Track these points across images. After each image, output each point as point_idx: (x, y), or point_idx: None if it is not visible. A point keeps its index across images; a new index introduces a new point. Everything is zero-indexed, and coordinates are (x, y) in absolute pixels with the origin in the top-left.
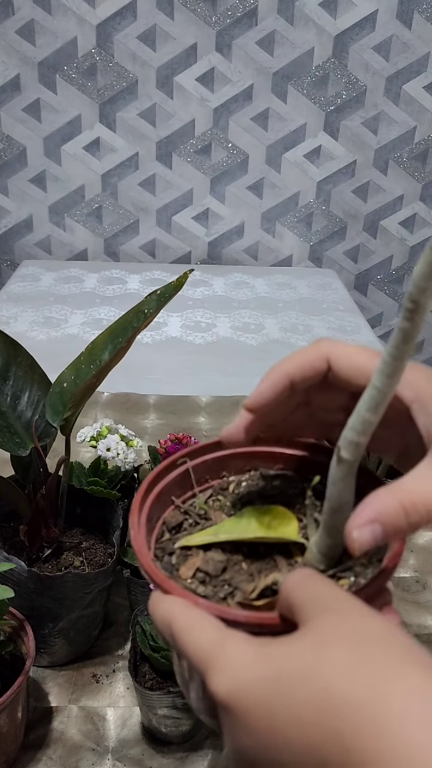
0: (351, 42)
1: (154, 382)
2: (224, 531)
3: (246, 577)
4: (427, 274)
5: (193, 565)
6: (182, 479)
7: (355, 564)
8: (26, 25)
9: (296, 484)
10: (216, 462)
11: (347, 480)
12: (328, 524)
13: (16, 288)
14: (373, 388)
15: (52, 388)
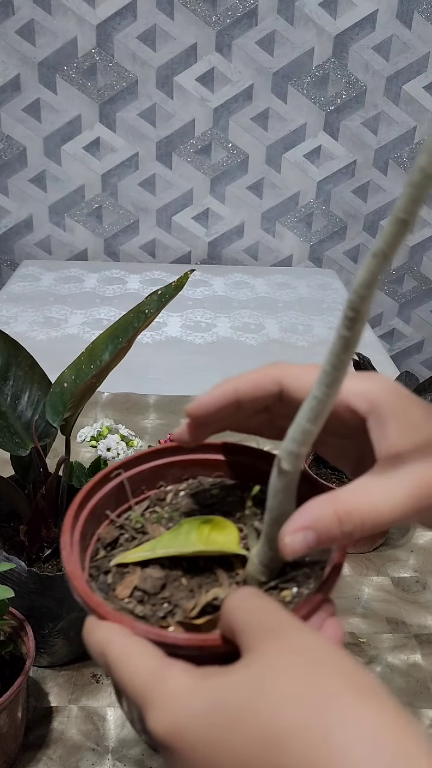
0: (351, 42)
1: (154, 382)
2: (162, 546)
3: (186, 594)
4: (368, 282)
5: (131, 584)
6: (118, 492)
7: (297, 574)
8: (26, 25)
9: (236, 491)
10: (153, 472)
11: (288, 491)
12: (269, 535)
13: (16, 288)
14: (313, 398)
15: (53, 388)
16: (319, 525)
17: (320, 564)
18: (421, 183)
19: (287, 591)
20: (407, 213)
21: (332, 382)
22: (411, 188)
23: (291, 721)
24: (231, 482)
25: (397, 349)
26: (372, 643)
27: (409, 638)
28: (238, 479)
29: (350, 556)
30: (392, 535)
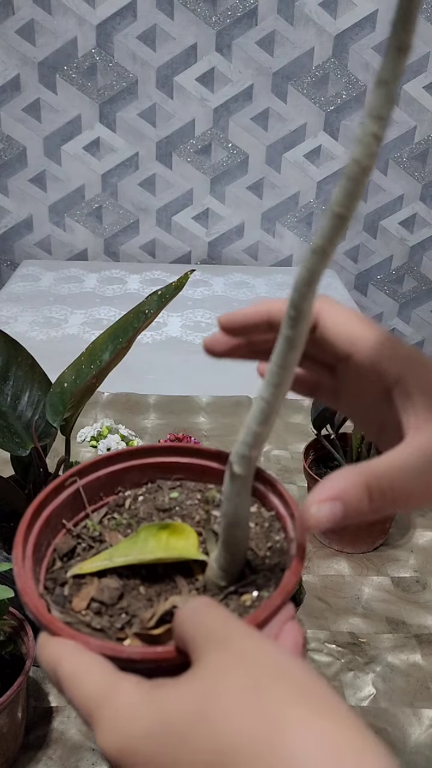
0: (351, 42)
1: (154, 382)
2: (120, 554)
3: (144, 603)
4: (308, 279)
5: (87, 595)
6: (74, 500)
7: (257, 578)
8: (26, 25)
9: (195, 494)
10: (110, 477)
11: (242, 494)
12: (226, 540)
13: (16, 288)
14: (261, 400)
15: (53, 388)
16: (349, 497)
17: (280, 566)
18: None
19: (247, 595)
20: (344, 207)
21: (280, 383)
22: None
23: (240, 734)
24: (191, 484)
25: None
26: (372, 643)
27: (409, 638)
28: (198, 481)
29: (350, 556)
30: (392, 535)
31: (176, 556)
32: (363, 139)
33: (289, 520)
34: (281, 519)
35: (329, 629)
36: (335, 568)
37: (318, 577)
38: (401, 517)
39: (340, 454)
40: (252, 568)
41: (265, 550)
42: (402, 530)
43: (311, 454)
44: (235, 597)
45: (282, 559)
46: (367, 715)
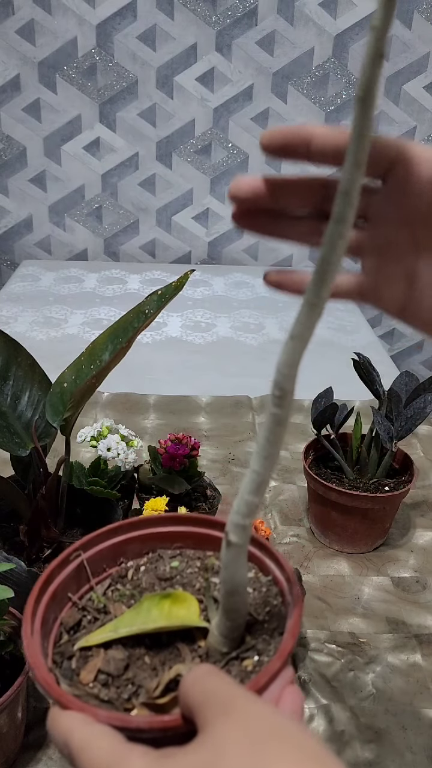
0: (351, 42)
1: (154, 382)
2: (124, 625)
3: (149, 673)
4: (290, 362)
5: (94, 667)
6: (78, 573)
7: (257, 642)
8: (26, 25)
9: (195, 562)
10: (112, 549)
11: (239, 562)
12: (226, 607)
13: (16, 288)
14: (253, 472)
15: (53, 388)
16: None
17: (278, 630)
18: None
19: (249, 660)
20: (318, 297)
21: (269, 455)
22: (318, 275)
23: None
24: (190, 552)
25: (397, 349)
26: (372, 643)
27: (409, 638)
28: (197, 549)
29: (350, 556)
30: (392, 535)
31: (179, 624)
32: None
33: (286, 584)
34: (278, 583)
35: (329, 629)
36: (335, 568)
37: (318, 577)
38: (401, 516)
39: (340, 454)
40: (252, 633)
41: (263, 615)
42: (402, 530)
43: (311, 454)
44: (237, 662)
45: (280, 623)
46: (367, 716)
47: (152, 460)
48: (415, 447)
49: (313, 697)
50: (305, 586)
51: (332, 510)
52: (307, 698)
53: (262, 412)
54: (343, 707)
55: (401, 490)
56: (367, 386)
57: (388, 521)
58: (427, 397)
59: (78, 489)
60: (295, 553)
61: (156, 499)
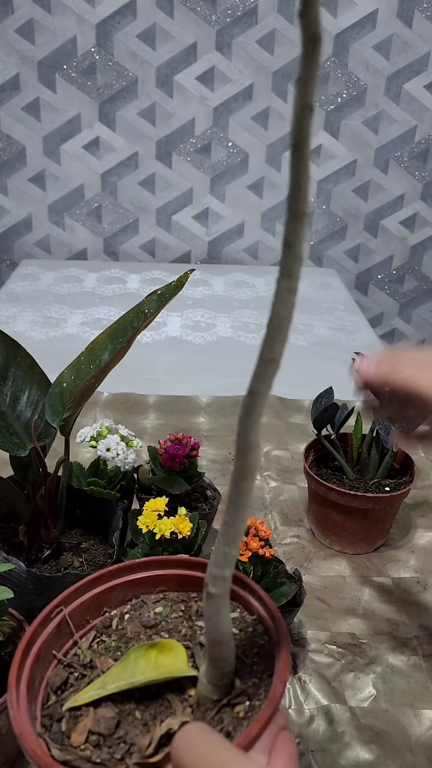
0: (351, 41)
1: (154, 382)
2: (112, 680)
3: (141, 729)
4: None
5: (85, 728)
6: (60, 629)
7: (247, 687)
8: (26, 24)
9: (179, 605)
10: (95, 599)
11: (221, 613)
12: (212, 656)
13: (15, 288)
14: (226, 524)
15: (52, 388)
16: None
17: (267, 671)
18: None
19: (240, 706)
20: (273, 352)
21: (239, 509)
22: (271, 329)
23: None
24: (174, 595)
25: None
26: (372, 644)
27: (410, 639)
28: (180, 591)
29: (351, 556)
30: (393, 536)
31: (167, 675)
32: (279, 293)
33: (271, 622)
34: (263, 622)
35: (330, 630)
36: (336, 569)
37: (318, 577)
38: (402, 517)
39: (341, 454)
40: (241, 677)
41: (252, 657)
42: (402, 531)
43: (311, 454)
44: (228, 709)
45: (269, 665)
46: (368, 716)
47: (152, 460)
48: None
49: (313, 698)
50: (305, 587)
51: (333, 510)
52: (307, 699)
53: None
54: (343, 708)
55: (402, 490)
56: None
57: (388, 522)
58: None
59: (77, 489)
60: (295, 554)
61: (156, 500)
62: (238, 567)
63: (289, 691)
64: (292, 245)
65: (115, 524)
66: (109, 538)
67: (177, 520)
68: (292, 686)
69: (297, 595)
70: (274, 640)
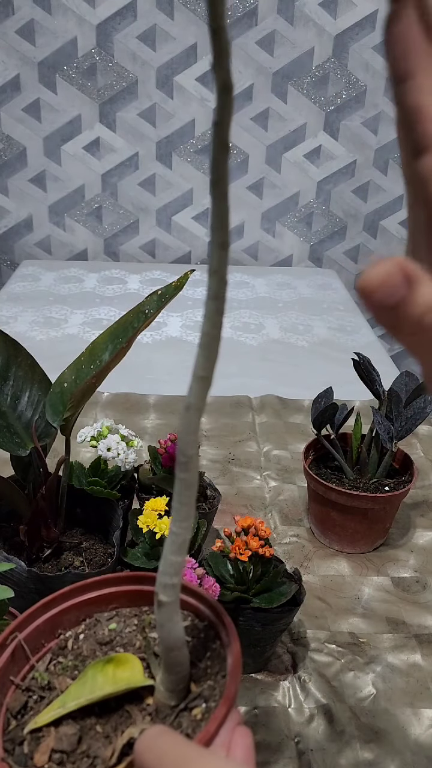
0: (351, 42)
1: (154, 382)
2: (71, 698)
3: (103, 742)
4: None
5: (47, 748)
6: (16, 655)
7: (203, 689)
8: (26, 25)
9: (132, 620)
10: (48, 623)
11: (173, 619)
12: (167, 662)
13: (16, 288)
14: (173, 534)
15: (53, 388)
16: None
17: (221, 672)
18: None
19: (197, 709)
20: (206, 371)
21: (185, 517)
22: (203, 350)
23: None
24: (126, 611)
25: (397, 349)
26: (372, 643)
27: (409, 638)
28: (133, 606)
29: (350, 556)
30: (392, 536)
31: (124, 688)
32: (208, 315)
33: (221, 627)
34: (214, 627)
35: (329, 629)
36: (335, 568)
37: (318, 577)
38: (401, 517)
39: (340, 454)
40: (197, 681)
41: (205, 660)
42: (402, 530)
43: (311, 454)
44: (186, 713)
45: (222, 666)
46: (367, 716)
47: (152, 460)
48: (415, 447)
49: (313, 697)
50: (305, 586)
51: (332, 510)
52: (307, 698)
53: (262, 412)
54: (343, 707)
55: (401, 490)
56: (367, 386)
57: (388, 521)
58: (427, 397)
59: (78, 489)
60: (295, 553)
61: (156, 499)
62: (238, 567)
63: (289, 691)
64: (217, 271)
65: (116, 524)
66: (109, 538)
67: None
68: (291, 685)
69: (297, 595)
70: (225, 642)
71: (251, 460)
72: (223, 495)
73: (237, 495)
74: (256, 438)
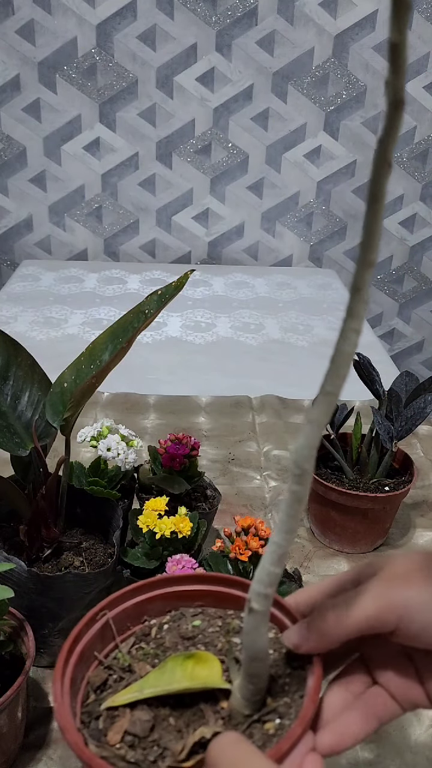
0: (351, 42)
1: (154, 382)
2: (149, 685)
3: (174, 735)
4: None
5: (121, 728)
6: (103, 632)
7: (279, 705)
8: (26, 25)
9: (216, 621)
10: (136, 608)
11: (260, 629)
12: (247, 671)
13: (16, 288)
14: (274, 544)
15: (52, 388)
16: None
17: (299, 692)
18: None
19: (270, 723)
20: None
21: (290, 530)
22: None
23: None
24: (211, 611)
25: (397, 349)
26: None
27: None
28: (218, 607)
29: (350, 555)
30: (392, 535)
31: (201, 686)
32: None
33: None
34: None
35: None
36: (335, 568)
37: (318, 577)
38: (401, 517)
39: (340, 454)
40: (273, 695)
41: (284, 677)
42: (402, 530)
43: None
44: (259, 725)
45: (300, 686)
46: None
47: (152, 460)
48: (415, 447)
49: None
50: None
51: (332, 510)
52: None
53: (262, 412)
54: None
55: (401, 490)
56: (367, 386)
57: (388, 521)
58: (427, 397)
59: (78, 489)
60: (295, 553)
61: (156, 499)
62: (238, 567)
63: None
64: (360, 289)
65: (116, 524)
66: (109, 538)
67: (177, 520)
68: None
69: None
70: (306, 664)
71: (251, 460)
72: (223, 495)
73: (237, 495)
74: (256, 438)
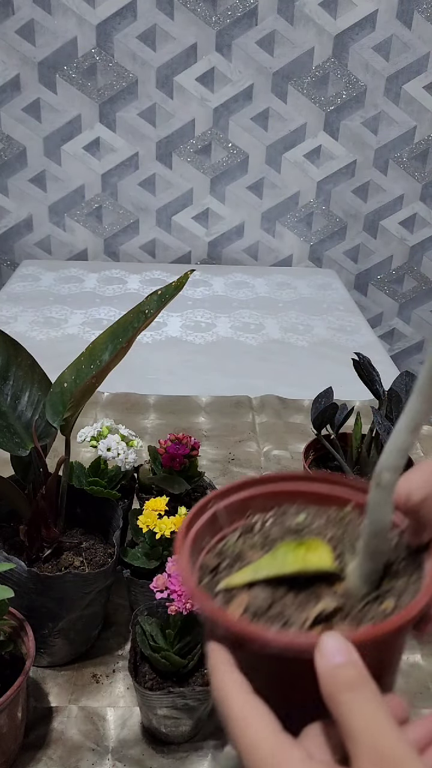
0: (351, 42)
1: (154, 382)
2: (263, 568)
3: (297, 609)
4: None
5: (241, 603)
6: (212, 522)
7: (395, 585)
8: (26, 25)
9: (320, 517)
10: (241, 503)
11: (387, 503)
12: (369, 548)
13: (16, 288)
14: (411, 411)
15: (52, 388)
16: None
17: (415, 575)
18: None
19: (388, 601)
20: None
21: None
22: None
23: None
24: (314, 509)
25: (397, 349)
26: None
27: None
28: (320, 506)
29: None
30: None
31: (315, 569)
32: None
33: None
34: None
35: None
36: None
37: None
38: None
39: (340, 454)
40: (389, 578)
41: (399, 563)
42: None
43: (311, 454)
44: (376, 604)
45: (417, 570)
46: None
47: (152, 460)
48: (415, 447)
49: None
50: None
51: None
52: None
53: (262, 412)
54: None
55: None
56: (367, 386)
57: None
58: None
59: (78, 489)
60: None
61: (156, 499)
62: None
63: None
64: None
65: (116, 524)
66: (109, 538)
67: (177, 520)
68: None
69: None
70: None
71: (251, 460)
72: None
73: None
74: (256, 438)
